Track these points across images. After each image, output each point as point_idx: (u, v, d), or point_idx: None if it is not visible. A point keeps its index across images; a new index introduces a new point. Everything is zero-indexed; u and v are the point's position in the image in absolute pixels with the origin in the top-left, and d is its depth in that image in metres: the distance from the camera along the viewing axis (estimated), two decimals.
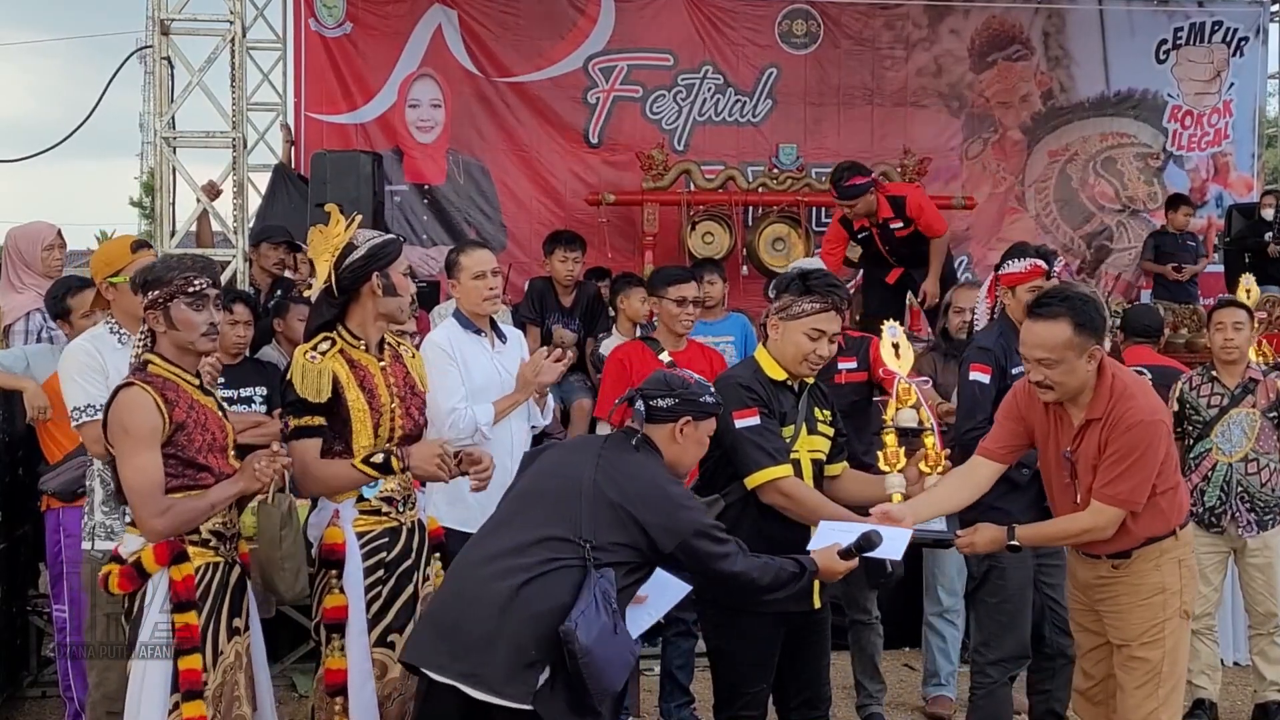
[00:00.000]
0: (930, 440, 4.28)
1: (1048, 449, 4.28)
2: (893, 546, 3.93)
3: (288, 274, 8.01)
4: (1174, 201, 10.60)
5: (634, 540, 3.57)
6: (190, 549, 3.70)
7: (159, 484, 3.64)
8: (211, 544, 3.77)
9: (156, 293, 3.76)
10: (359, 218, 4.14)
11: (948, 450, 4.40)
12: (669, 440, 3.76)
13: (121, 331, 4.42)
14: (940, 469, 4.28)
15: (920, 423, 4.28)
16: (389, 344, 4.13)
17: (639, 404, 3.76)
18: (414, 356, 4.23)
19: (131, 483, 3.65)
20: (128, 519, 3.85)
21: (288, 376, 3.95)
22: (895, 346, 4.41)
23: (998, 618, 4.96)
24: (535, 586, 3.44)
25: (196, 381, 3.84)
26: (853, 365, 5.49)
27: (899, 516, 4.05)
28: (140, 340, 3.83)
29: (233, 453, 3.88)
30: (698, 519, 3.67)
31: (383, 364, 4.03)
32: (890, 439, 4.26)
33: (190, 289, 3.76)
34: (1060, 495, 4.28)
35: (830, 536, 3.93)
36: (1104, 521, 4.07)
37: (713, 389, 3.89)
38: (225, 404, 4.10)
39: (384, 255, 4.00)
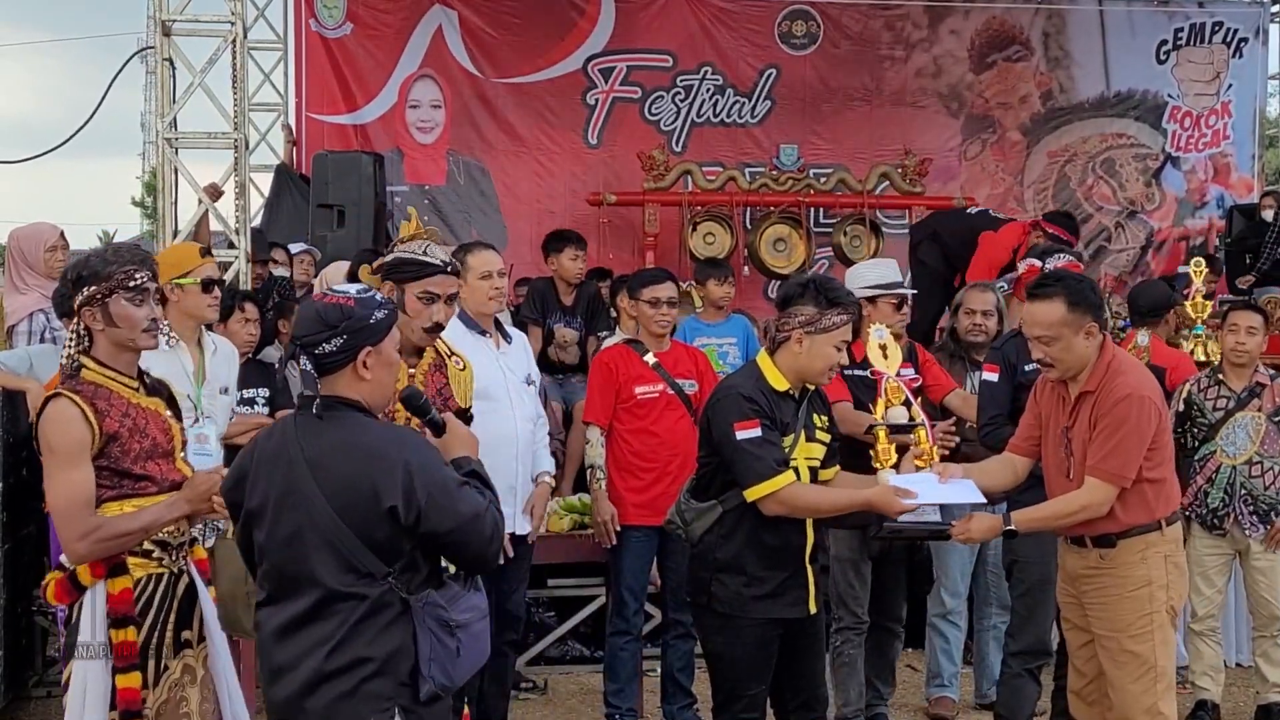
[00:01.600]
0: (922, 434, 4.30)
1: (1049, 431, 4.37)
2: (967, 492, 4.20)
3: (278, 272, 8.02)
4: None
5: (399, 531, 2.99)
6: (130, 560, 3.51)
7: (84, 502, 3.41)
8: (154, 554, 3.56)
9: (94, 288, 3.51)
10: (420, 239, 4.13)
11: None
12: (355, 382, 3.07)
13: (170, 334, 4.40)
14: (934, 465, 4.32)
15: (911, 418, 4.31)
16: (436, 351, 4.12)
17: (304, 361, 3.09)
18: (463, 369, 4.21)
19: (54, 501, 3.46)
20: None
21: None
22: (883, 348, 4.44)
23: (1019, 610, 5.33)
24: (348, 650, 2.97)
25: (135, 384, 3.61)
26: (911, 372, 5.56)
27: (953, 473, 4.28)
28: (72, 341, 3.57)
29: (181, 455, 3.70)
30: (416, 456, 3.03)
31: (413, 370, 4.01)
32: (881, 435, 4.27)
33: (131, 283, 3.53)
34: (1055, 474, 4.34)
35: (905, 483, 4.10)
36: (1100, 497, 4.14)
37: (379, 297, 3.20)
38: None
39: (400, 271, 4.01)
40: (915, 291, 6.39)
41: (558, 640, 6.97)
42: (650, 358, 5.72)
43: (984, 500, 4.30)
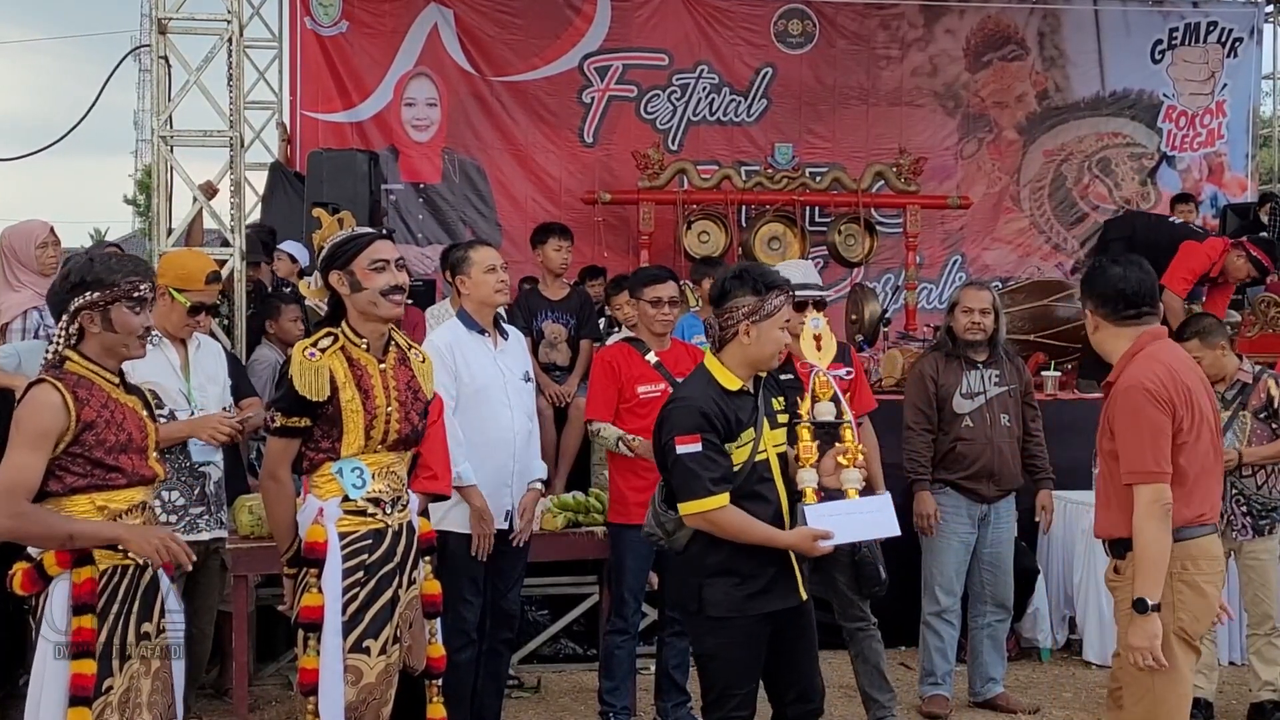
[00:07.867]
0: (848, 433, 4.20)
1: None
2: (885, 524, 4.10)
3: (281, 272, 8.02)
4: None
5: None
6: (96, 551, 3.60)
7: (26, 487, 3.53)
8: (119, 546, 3.65)
9: (97, 294, 3.65)
10: (343, 216, 4.10)
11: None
12: None
13: (153, 334, 4.44)
14: (858, 462, 4.17)
15: (839, 415, 4.20)
16: (398, 345, 4.07)
17: None
18: (424, 361, 4.15)
19: (1, 474, 3.57)
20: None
21: (288, 373, 3.91)
22: (817, 338, 4.34)
23: None
24: None
25: (116, 380, 3.74)
26: (844, 371, 5.53)
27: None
28: (60, 336, 3.70)
29: (154, 454, 3.79)
30: None
31: (383, 366, 3.96)
32: (805, 434, 4.15)
33: (135, 294, 3.68)
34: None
35: (821, 519, 4.01)
36: (1142, 508, 3.85)
37: None
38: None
39: (341, 254, 3.94)
40: (822, 292, 5.69)
41: (551, 639, 6.97)
42: (652, 356, 5.71)
43: (898, 532, 4.16)
